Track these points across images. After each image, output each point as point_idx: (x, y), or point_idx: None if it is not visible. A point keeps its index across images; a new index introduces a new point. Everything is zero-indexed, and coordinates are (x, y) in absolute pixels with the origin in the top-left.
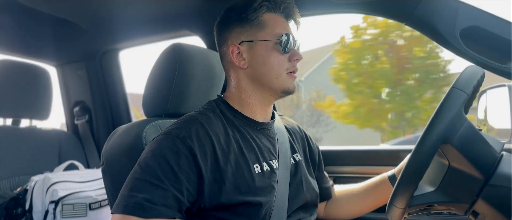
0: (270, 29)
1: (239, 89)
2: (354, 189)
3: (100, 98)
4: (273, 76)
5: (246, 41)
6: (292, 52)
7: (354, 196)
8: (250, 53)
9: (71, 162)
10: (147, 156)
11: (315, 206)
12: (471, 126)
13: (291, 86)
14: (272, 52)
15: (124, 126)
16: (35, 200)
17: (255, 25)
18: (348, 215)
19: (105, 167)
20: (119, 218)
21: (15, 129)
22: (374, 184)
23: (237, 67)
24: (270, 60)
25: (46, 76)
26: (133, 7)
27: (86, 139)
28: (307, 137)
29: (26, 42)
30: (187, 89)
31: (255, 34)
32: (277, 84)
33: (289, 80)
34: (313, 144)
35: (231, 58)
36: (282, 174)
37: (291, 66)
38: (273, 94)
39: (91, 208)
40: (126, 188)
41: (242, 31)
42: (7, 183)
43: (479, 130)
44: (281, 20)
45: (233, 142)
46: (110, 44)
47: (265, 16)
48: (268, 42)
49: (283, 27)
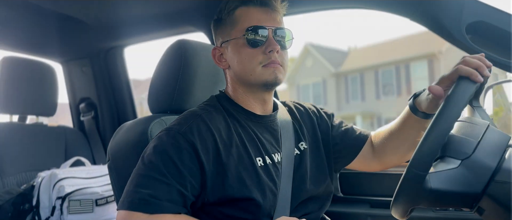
0: (240, 25)
1: (231, 87)
2: (390, 129)
3: (106, 95)
4: (247, 73)
5: (224, 41)
6: (266, 44)
7: (392, 137)
8: (228, 54)
9: (77, 158)
10: (150, 152)
11: (325, 198)
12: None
13: (270, 78)
14: (242, 49)
15: (130, 122)
16: (42, 196)
17: (228, 24)
18: (397, 158)
19: (111, 163)
20: (125, 214)
21: (22, 125)
22: (403, 118)
23: (223, 68)
24: (241, 57)
25: (51, 73)
26: (138, 4)
27: (92, 135)
28: (318, 111)
29: (32, 39)
30: (192, 85)
31: (229, 33)
32: (254, 79)
33: (265, 72)
34: (324, 115)
35: (214, 60)
36: (285, 167)
37: (266, 59)
38: (258, 89)
39: (98, 204)
40: (131, 184)
41: (220, 32)
42: (14, 179)
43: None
44: (253, 12)
45: (235, 136)
46: (115, 40)
47: (236, 12)
48: (238, 40)
49: (254, 19)
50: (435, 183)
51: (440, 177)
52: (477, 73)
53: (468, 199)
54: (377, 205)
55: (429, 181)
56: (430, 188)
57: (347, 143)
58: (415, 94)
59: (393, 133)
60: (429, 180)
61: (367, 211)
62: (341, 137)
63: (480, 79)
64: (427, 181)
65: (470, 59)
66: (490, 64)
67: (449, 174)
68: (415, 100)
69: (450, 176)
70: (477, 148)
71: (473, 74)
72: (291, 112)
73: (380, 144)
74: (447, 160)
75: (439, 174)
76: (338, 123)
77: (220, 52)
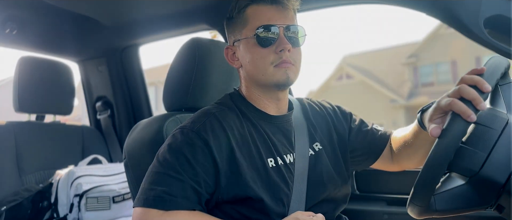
0: (251, 24)
1: (245, 86)
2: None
3: (121, 93)
4: (259, 73)
5: (236, 40)
6: (277, 43)
7: (405, 144)
8: (240, 53)
9: (94, 156)
10: (165, 150)
11: (342, 200)
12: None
13: (282, 79)
14: (253, 48)
15: (145, 120)
16: (60, 194)
17: (240, 23)
18: (413, 164)
19: (127, 161)
20: (141, 211)
21: (40, 124)
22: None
23: (236, 67)
24: (253, 57)
25: (68, 72)
26: (153, 3)
27: (108, 134)
28: (335, 111)
29: (49, 39)
30: (206, 83)
31: (240, 32)
32: (265, 80)
33: (277, 73)
34: (341, 116)
35: (227, 59)
36: (298, 168)
37: (278, 58)
38: (270, 89)
39: (115, 201)
40: (146, 181)
41: (232, 31)
42: (33, 177)
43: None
44: (264, 10)
45: (248, 135)
46: (130, 40)
47: (248, 11)
48: (249, 39)
49: (264, 18)
50: (440, 205)
51: (445, 197)
52: (470, 113)
53: (484, 203)
54: (393, 202)
55: (434, 203)
56: (436, 209)
57: (366, 147)
58: (423, 109)
59: (407, 141)
60: (435, 203)
61: (384, 209)
62: (360, 141)
63: (472, 118)
64: (433, 204)
65: (465, 89)
66: (488, 89)
67: (454, 193)
68: (423, 115)
69: (456, 195)
70: (485, 163)
71: (465, 114)
72: (306, 111)
73: (396, 149)
74: (453, 177)
75: (444, 194)
76: (358, 125)
77: (232, 51)
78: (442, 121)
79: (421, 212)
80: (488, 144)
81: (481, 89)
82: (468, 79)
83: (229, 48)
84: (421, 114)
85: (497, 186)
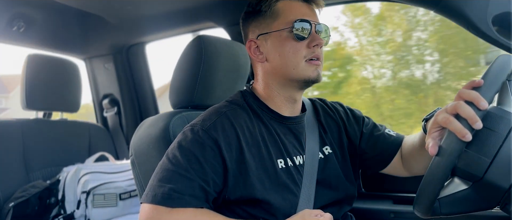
0: (284, 18)
1: (263, 83)
2: (412, 143)
3: (128, 91)
4: (290, 67)
5: (262, 34)
6: (310, 38)
7: (414, 151)
8: (266, 46)
9: (101, 153)
10: (175, 148)
11: (347, 203)
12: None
13: (313, 75)
14: (286, 42)
15: (152, 117)
16: (68, 190)
17: (269, 16)
18: (421, 171)
19: (133, 158)
20: (148, 208)
21: (47, 121)
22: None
23: (257, 62)
24: (285, 50)
25: (75, 70)
26: (159, 1)
27: (115, 131)
28: (347, 114)
29: (56, 37)
30: (212, 81)
31: (269, 26)
32: (296, 74)
33: (309, 68)
34: (353, 119)
35: (249, 53)
36: (308, 170)
37: (310, 53)
38: (295, 86)
39: (121, 198)
40: (155, 178)
41: (257, 24)
42: (40, 174)
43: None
44: (297, 5)
45: (258, 135)
46: (137, 37)
47: (279, 5)
48: (281, 32)
49: (298, 12)
50: (445, 208)
51: (449, 201)
52: (465, 132)
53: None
54: (400, 201)
55: (439, 207)
56: (441, 212)
57: (377, 153)
58: (426, 117)
59: (415, 147)
60: (440, 207)
61: (390, 207)
62: (371, 146)
63: (468, 138)
64: (437, 208)
65: (462, 106)
66: (484, 107)
67: (458, 197)
68: (427, 124)
69: (460, 199)
70: (489, 168)
71: (460, 133)
72: (318, 113)
73: (405, 155)
74: (457, 182)
75: (449, 198)
76: (370, 129)
77: (256, 45)
78: (440, 134)
79: (426, 214)
80: (493, 149)
81: (478, 107)
82: (466, 94)
83: (253, 42)
84: (426, 122)
85: (501, 191)
